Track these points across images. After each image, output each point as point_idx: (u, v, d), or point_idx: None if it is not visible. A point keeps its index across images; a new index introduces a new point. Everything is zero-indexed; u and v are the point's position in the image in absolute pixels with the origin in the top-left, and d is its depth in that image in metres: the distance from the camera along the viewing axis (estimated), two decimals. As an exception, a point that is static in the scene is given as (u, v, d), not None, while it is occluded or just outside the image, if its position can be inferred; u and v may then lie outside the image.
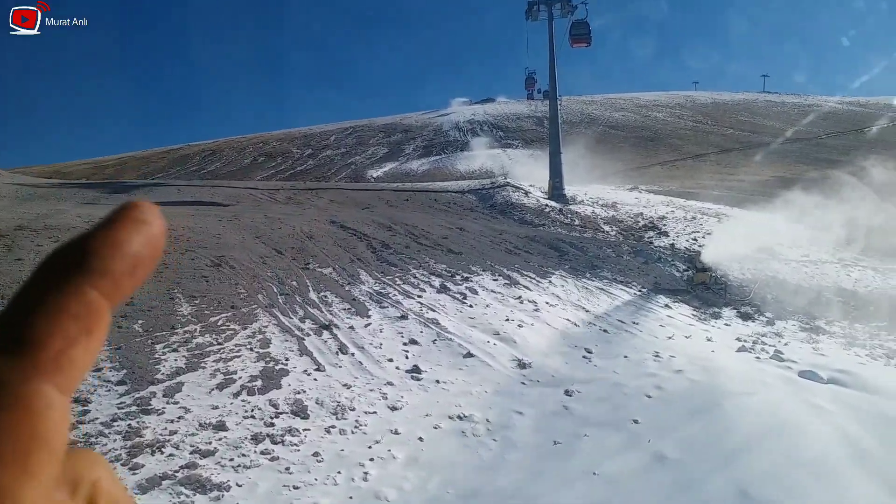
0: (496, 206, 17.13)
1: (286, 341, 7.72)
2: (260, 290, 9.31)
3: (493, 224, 14.98)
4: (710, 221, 18.67)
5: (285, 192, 17.91)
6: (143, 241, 0.37)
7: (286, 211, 15.36)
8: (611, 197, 22.19)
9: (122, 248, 0.36)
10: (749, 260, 13.66)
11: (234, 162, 59.06)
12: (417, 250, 11.90)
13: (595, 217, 17.81)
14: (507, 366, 7.69)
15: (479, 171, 45.45)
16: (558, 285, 10.91)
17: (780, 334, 10.08)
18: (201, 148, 66.45)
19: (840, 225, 22.35)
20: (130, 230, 0.37)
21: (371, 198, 17.61)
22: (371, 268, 10.72)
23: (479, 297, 9.74)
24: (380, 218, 14.49)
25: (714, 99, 62.60)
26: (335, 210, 15.53)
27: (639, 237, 15.95)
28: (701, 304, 11.24)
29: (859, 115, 54.81)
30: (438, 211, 16.02)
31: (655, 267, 12.92)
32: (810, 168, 38.22)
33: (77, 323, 0.33)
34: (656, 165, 42.27)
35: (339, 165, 53.20)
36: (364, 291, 9.53)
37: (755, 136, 49.41)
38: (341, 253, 11.54)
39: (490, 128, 57.73)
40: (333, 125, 67.97)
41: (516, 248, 12.83)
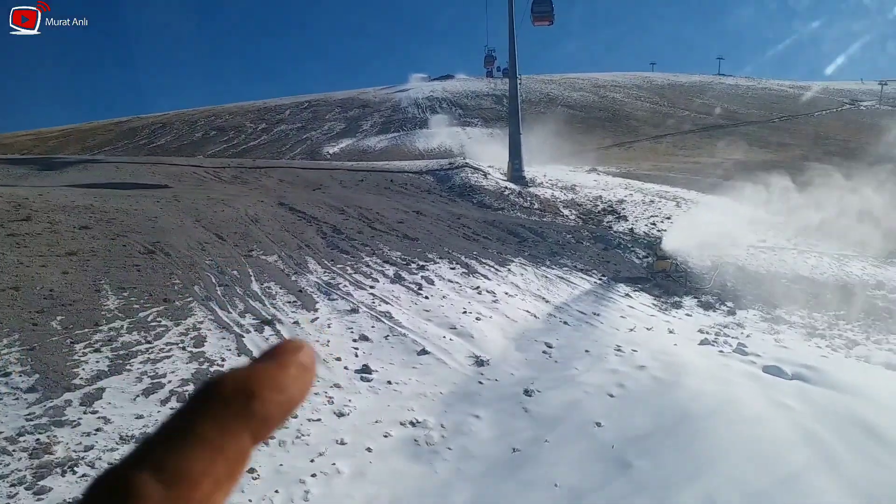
0: (454, 188, 16.57)
1: (223, 339, 7.07)
2: (197, 281, 8.57)
3: (451, 207, 14.44)
4: (669, 205, 18.58)
5: (231, 170, 16.95)
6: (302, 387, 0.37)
7: (231, 191, 14.45)
8: (570, 179, 21.92)
9: (283, 394, 0.36)
10: (708, 246, 13.52)
11: (184, 136, 56.92)
12: (371, 236, 11.28)
13: (554, 200, 17.47)
14: (464, 363, 7.23)
15: (438, 150, 44.81)
16: (518, 274, 10.49)
17: (741, 325, 9.91)
18: (151, 121, 63.81)
19: (795, 210, 22.66)
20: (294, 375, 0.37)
21: (323, 177, 16.80)
22: (320, 255, 10.06)
23: (435, 288, 9.23)
24: (332, 200, 13.77)
25: (670, 80, 63.11)
26: (284, 191, 14.70)
27: (598, 222, 15.67)
28: (661, 292, 11.01)
29: (811, 99, 56.04)
30: (394, 193, 15.36)
31: (615, 254, 12.63)
32: (765, 151, 38.91)
33: (228, 467, 0.33)
34: (614, 147, 42.36)
35: (294, 141, 51.79)
36: (312, 282, 8.89)
37: (710, 118, 49.99)
38: (288, 238, 10.82)
39: (449, 105, 56.99)
40: (288, 99, 66.10)
41: (475, 233, 12.35)
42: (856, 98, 55.36)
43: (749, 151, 39.12)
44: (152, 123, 61.88)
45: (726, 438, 5.97)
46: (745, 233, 16.43)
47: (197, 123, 60.32)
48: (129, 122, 63.75)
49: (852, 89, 59.21)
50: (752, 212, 20.18)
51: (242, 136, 54.58)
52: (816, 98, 56.50)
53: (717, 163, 35.58)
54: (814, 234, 17.54)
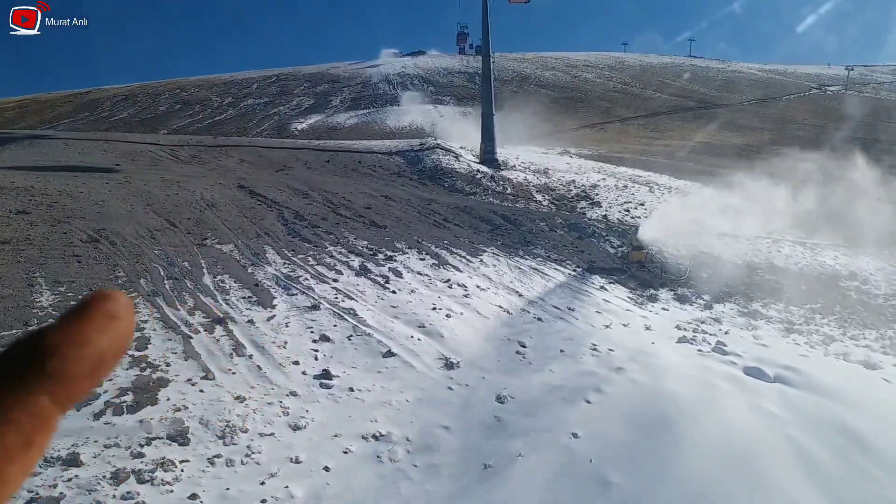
0: (425, 170, 15.94)
1: (169, 340, 6.43)
2: (143, 274, 7.86)
3: (421, 192, 13.84)
4: (642, 190, 18.28)
5: (190, 149, 15.98)
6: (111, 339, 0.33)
7: (188, 172, 13.53)
8: (543, 162, 21.48)
9: (86, 348, 0.32)
10: (683, 234, 13.23)
11: (147, 109, 54.89)
12: (336, 223, 10.63)
13: (527, 184, 17.00)
14: (433, 366, 6.73)
15: (409, 128, 43.92)
16: (490, 265, 10.00)
17: (718, 320, 9.61)
18: (112, 93, 61.39)
19: (767, 197, 22.58)
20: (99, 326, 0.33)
21: (287, 158, 15.96)
22: (280, 244, 9.38)
23: (403, 281, 8.68)
24: (295, 182, 13.00)
25: (642, 62, 62.89)
26: (245, 172, 13.86)
27: (571, 208, 15.27)
28: (637, 284, 10.65)
29: (779, 83, 56.43)
30: (362, 175, 14.66)
31: (589, 243, 12.23)
32: (735, 135, 38.97)
33: (20, 436, 0.29)
34: (586, 128, 42.03)
35: (262, 116, 50.31)
36: (270, 274, 8.25)
37: (681, 100, 49.99)
38: (247, 225, 10.08)
39: (421, 82, 55.94)
40: (256, 72, 64.18)
41: (446, 220, 11.80)
42: (823, 83, 55.89)
43: (719, 135, 39.18)
44: (114, 96, 59.56)
45: (709, 451, 5.62)
46: (719, 220, 16.18)
47: (161, 96, 58.22)
48: (90, 93, 61.26)
49: (820, 74, 59.80)
50: (725, 198, 19.98)
51: (208, 111, 52.86)
52: (785, 82, 56.93)
53: (688, 146, 35.53)
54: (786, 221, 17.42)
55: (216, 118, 50.19)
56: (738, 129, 41.10)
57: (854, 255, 13.52)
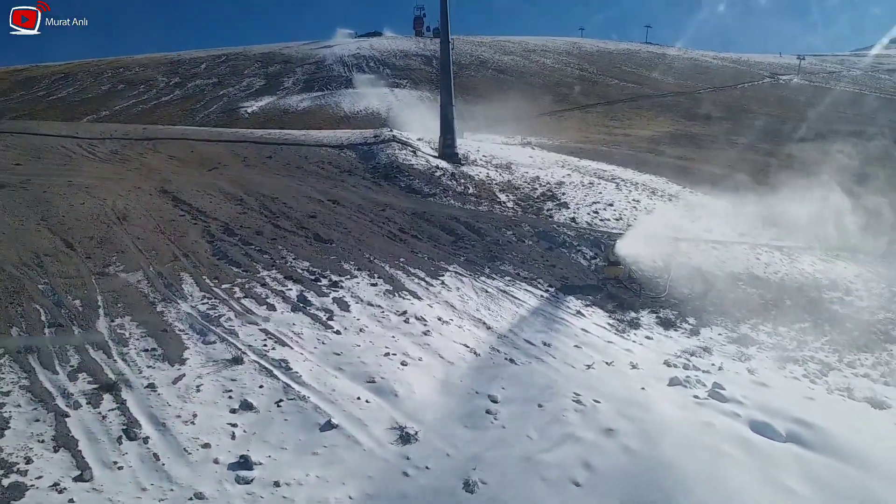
0: (379, 167, 14.33)
1: (37, 421, 4.81)
2: (17, 320, 6.14)
3: (374, 194, 12.25)
4: (609, 188, 17.14)
5: (113, 143, 13.83)
6: None
7: (103, 173, 11.50)
8: (505, 155, 20.14)
9: None
10: (659, 242, 12.10)
11: (88, 88, 51.24)
12: (273, 238, 8.97)
13: (490, 182, 15.60)
14: (385, 440, 5.30)
15: (364, 112, 41.92)
16: (453, 288, 8.57)
17: (708, 349, 8.48)
18: (51, 70, 57.13)
19: (734, 193, 21.61)
20: None
21: (224, 153, 14.01)
22: (202, 271, 7.71)
23: (350, 316, 7.17)
24: (229, 184, 11.21)
25: (599, 48, 61.99)
26: (172, 172, 11.90)
27: (538, 210, 13.98)
28: (616, 306, 9.41)
29: (734, 72, 56.34)
30: (308, 174, 12.93)
31: (561, 254, 10.94)
32: (693, 124, 38.34)
33: None
34: (545, 115, 40.86)
35: (210, 97, 47.44)
36: (183, 314, 6.61)
37: (639, 87, 49.27)
38: (163, 245, 8.32)
39: (377, 64, 53.72)
40: (204, 52, 60.67)
41: (402, 230, 10.29)
42: (775, 72, 56.07)
43: (677, 123, 38.49)
44: (52, 73, 55.43)
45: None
46: (689, 221, 15.30)
47: (103, 75, 54.46)
48: (27, 70, 56.86)
49: (771, 62, 60.05)
50: (691, 195, 19.10)
51: (153, 91, 49.64)
52: (739, 70, 56.89)
53: (647, 136, 34.67)
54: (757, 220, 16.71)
55: (161, 99, 47.07)
56: (695, 117, 40.51)
57: (831, 261, 12.69)
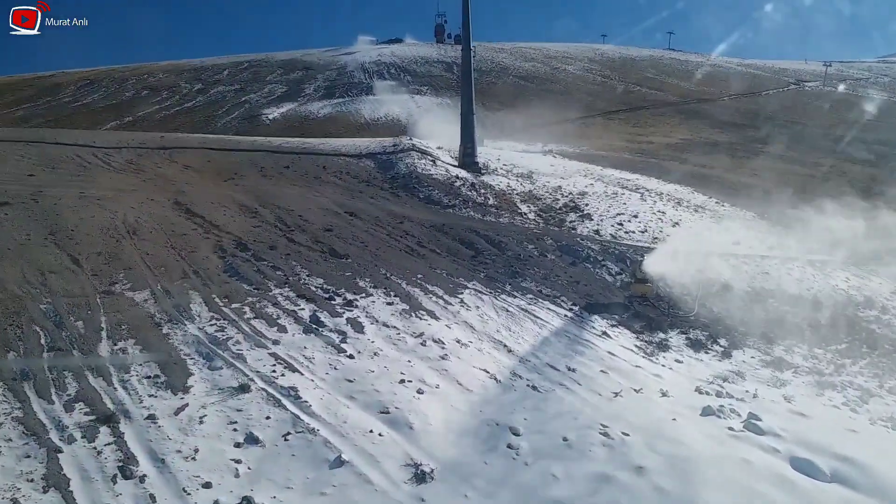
0: (398, 178, 13.99)
1: (27, 458, 4.49)
2: (15, 342, 5.85)
3: (392, 206, 11.90)
4: (633, 199, 16.62)
5: (129, 152, 13.62)
6: None
7: (117, 184, 11.27)
8: (525, 164, 19.71)
9: None
10: (686, 256, 11.57)
11: (113, 95, 51.83)
12: (286, 253, 8.64)
13: (511, 192, 15.18)
14: (399, 479, 4.90)
15: (384, 119, 41.76)
16: (472, 307, 8.17)
17: (741, 374, 7.96)
18: (77, 77, 57.89)
19: (762, 203, 20.85)
20: None
21: (241, 163, 13.77)
22: (211, 288, 7.38)
23: (365, 338, 6.79)
24: (245, 196, 10.95)
25: (622, 54, 61.24)
26: (187, 182, 11.66)
27: (560, 221, 13.52)
28: (643, 326, 8.92)
29: (758, 78, 55.26)
30: (326, 184, 12.63)
31: (584, 269, 10.47)
32: (717, 132, 37.52)
33: None
34: (567, 122, 40.32)
35: (232, 104, 47.67)
36: (190, 337, 6.28)
37: (662, 94, 48.49)
38: (173, 261, 8.00)
39: (398, 71, 53.63)
40: (227, 58, 61.11)
41: (420, 244, 9.91)
42: (801, 78, 54.90)
43: (701, 131, 37.71)
44: (78, 80, 56.16)
45: None
46: (716, 233, 14.74)
47: (128, 81, 55.04)
48: (53, 77, 57.72)
49: (797, 69, 58.81)
50: (717, 206, 18.49)
51: (176, 97, 50.03)
52: (763, 77, 55.84)
53: (671, 143, 33.98)
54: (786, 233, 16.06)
55: (184, 105, 47.39)
56: (719, 125, 39.66)
57: (865, 276, 12.06)
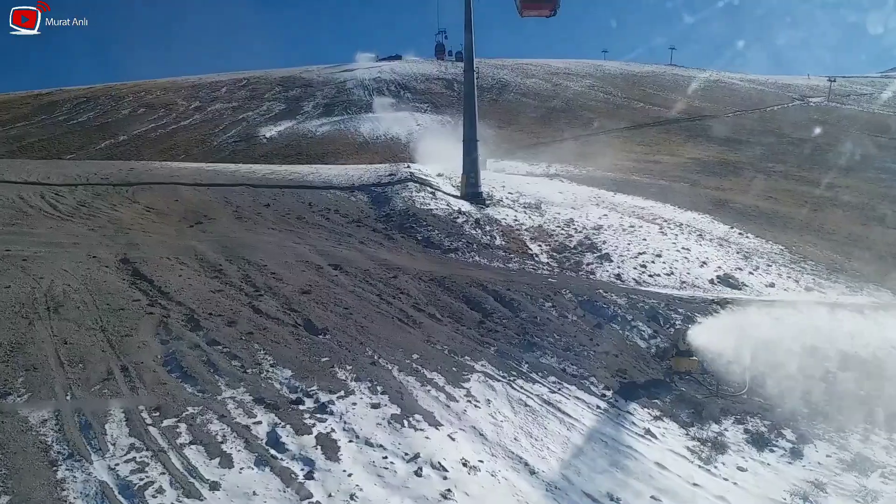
0: (393, 215, 12.15)
1: None
2: None
3: (386, 252, 10.06)
4: (652, 231, 14.84)
5: (86, 190, 11.64)
6: None
7: (57, 236, 9.11)
8: (533, 192, 17.93)
9: None
10: (725, 309, 9.77)
11: (109, 112, 50.25)
12: (249, 331, 6.74)
13: (519, 228, 13.38)
14: None
15: (384, 137, 40.13)
16: (482, 402, 6.33)
17: (821, 485, 6.11)
18: (74, 94, 56.33)
19: (786, 231, 19.24)
20: None
21: (214, 201, 11.81)
22: (141, 395, 5.44)
23: (337, 470, 4.92)
24: (211, 247, 9.03)
25: (623, 70, 59.70)
26: (144, 230, 9.61)
27: (576, 264, 11.74)
28: (692, 415, 7.07)
29: (761, 94, 53.70)
30: (310, 226, 10.75)
31: (612, 333, 8.62)
32: (724, 150, 35.79)
33: None
34: (570, 140, 38.65)
35: (229, 122, 46.05)
36: (93, 485, 4.34)
37: (665, 110, 46.88)
38: (97, 352, 5.95)
39: (397, 88, 52.04)
40: (225, 75, 59.52)
41: (417, 306, 8.06)
42: (805, 94, 53.33)
43: (708, 149, 36.02)
44: (75, 97, 54.56)
45: None
46: (747, 273, 13.01)
47: (124, 99, 53.44)
48: (50, 94, 56.15)
49: (800, 84, 57.27)
50: (741, 238, 16.79)
51: (173, 115, 48.40)
52: (766, 92, 54.28)
53: (679, 163, 32.28)
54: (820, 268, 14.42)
55: (180, 123, 45.78)
56: (726, 143, 37.94)
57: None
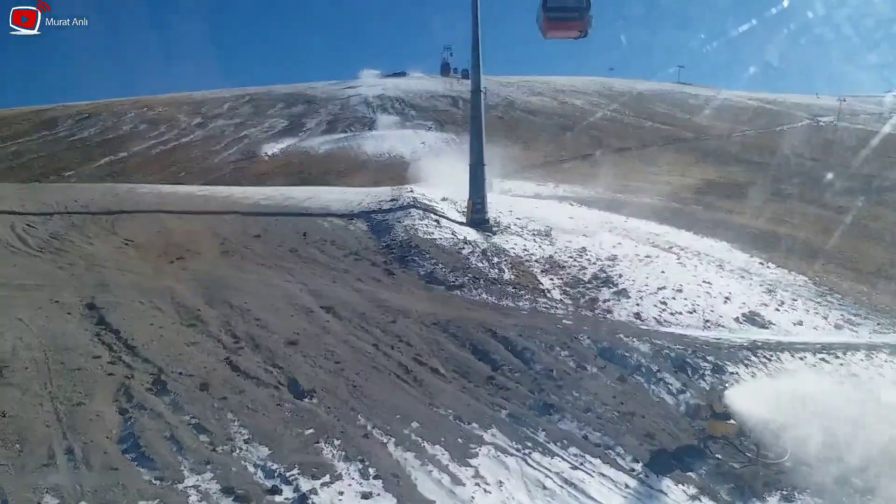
0: (394, 245, 11.25)
1: None
2: None
3: (385, 291, 9.14)
4: (670, 262, 13.90)
5: (62, 220, 10.71)
6: None
7: (19, 276, 8.23)
8: (542, 216, 17.02)
9: None
10: (770, 376, 8.76)
11: (110, 129, 49.74)
12: (223, 396, 5.77)
13: (529, 260, 12.45)
14: None
15: (387, 156, 39.42)
16: (493, 486, 5.34)
17: None
18: (76, 110, 55.91)
19: (808, 260, 18.26)
20: None
21: (201, 232, 10.89)
22: (84, 489, 4.50)
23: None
24: (190, 288, 8.09)
25: (630, 88, 59.08)
26: (119, 268, 8.58)
27: (591, 301, 10.79)
28: (732, 491, 6.08)
29: (770, 113, 52.91)
30: (302, 262, 9.83)
31: (637, 388, 7.64)
32: (735, 170, 34.89)
33: None
34: (577, 159, 37.84)
35: (231, 139, 45.43)
36: None
37: (674, 129, 46.08)
38: (40, 427, 4.87)
39: (402, 105, 51.46)
40: (228, 91, 59.11)
41: (418, 358, 7.12)
42: (814, 113, 52.50)
43: (719, 170, 35.10)
44: (77, 113, 54.14)
45: None
46: (773, 309, 12.02)
47: (126, 115, 52.97)
48: (52, 110, 55.75)
49: (809, 104, 56.47)
50: (762, 268, 15.81)
51: (174, 132, 47.87)
52: (775, 112, 53.49)
53: (690, 184, 31.37)
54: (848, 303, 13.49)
55: (181, 140, 45.20)
56: (738, 163, 37.03)
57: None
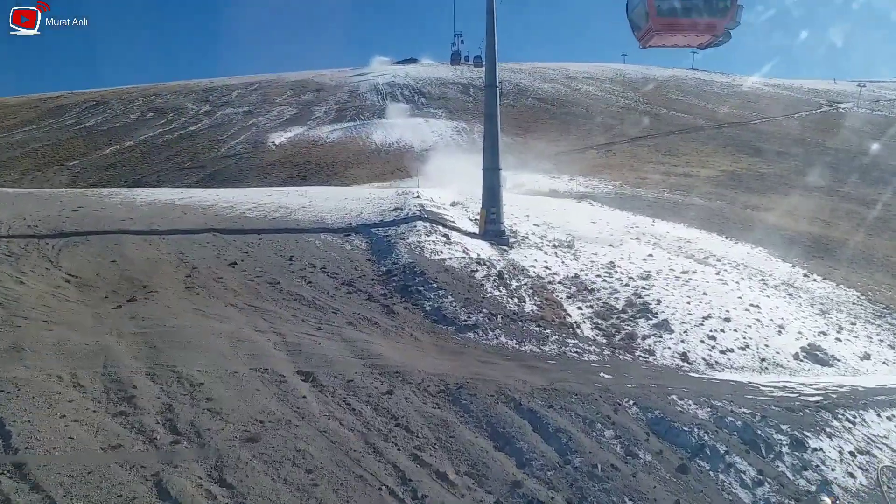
0: (396, 271, 9.27)
1: None
2: None
3: (380, 339, 7.16)
4: (710, 279, 12.00)
5: (17, 244, 8.94)
6: None
7: None
8: (561, 222, 15.01)
9: None
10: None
11: (118, 117, 47.88)
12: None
13: (552, 281, 10.45)
14: None
15: (396, 145, 37.34)
16: None
17: None
18: (83, 98, 54.08)
19: (854, 269, 16.25)
20: None
21: (166, 259, 8.87)
22: None
23: None
24: (132, 344, 5.99)
25: (644, 74, 56.30)
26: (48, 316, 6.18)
27: (629, 339, 8.83)
28: None
29: (788, 99, 50.03)
30: (284, 298, 7.84)
31: (703, 480, 5.64)
32: (756, 160, 32.43)
33: None
34: (592, 149, 35.48)
35: (238, 127, 43.45)
36: None
37: (690, 117, 43.46)
38: None
39: (412, 93, 49.17)
40: (237, 79, 57.07)
41: (418, 458, 5.15)
42: (833, 100, 49.58)
43: (739, 160, 32.65)
44: (84, 101, 52.32)
45: None
46: (833, 339, 10.20)
47: (134, 103, 51.09)
48: (59, 98, 54.01)
49: (826, 90, 53.49)
50: (807, 281, 13.98)
51: (181, 120, 45.89)
52: (792, 98, 50.56)
53: (711, 176, 29.05)
54: None
55: (189, 128, 43.24)
56: (757, 152, 34.51)
57: None
